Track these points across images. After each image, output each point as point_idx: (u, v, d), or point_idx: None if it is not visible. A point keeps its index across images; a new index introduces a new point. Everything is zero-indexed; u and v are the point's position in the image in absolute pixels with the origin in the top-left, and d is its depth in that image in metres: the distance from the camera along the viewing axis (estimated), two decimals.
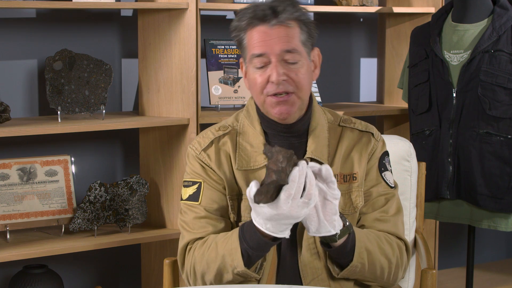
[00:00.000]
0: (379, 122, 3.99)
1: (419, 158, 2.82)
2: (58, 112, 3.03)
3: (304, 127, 2.17)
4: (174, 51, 3.14)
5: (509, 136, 3.16)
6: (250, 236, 1.99)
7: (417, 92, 3.39)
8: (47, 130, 2.89)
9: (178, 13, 3.11)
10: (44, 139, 3.23)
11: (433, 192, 3.29)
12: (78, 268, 3.37)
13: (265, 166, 2.11)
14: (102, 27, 3.35)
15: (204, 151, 2.18)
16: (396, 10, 3.71)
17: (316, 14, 3.90)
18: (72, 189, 3.11)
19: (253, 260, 2.02)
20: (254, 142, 2.16)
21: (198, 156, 2.18)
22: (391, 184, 2.22)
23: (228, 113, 3.26)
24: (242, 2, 3.25)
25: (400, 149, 2.58)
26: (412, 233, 2.60)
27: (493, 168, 3.18)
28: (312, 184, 1.89)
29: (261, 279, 2.08)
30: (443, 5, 3.56)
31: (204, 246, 2.09)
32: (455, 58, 3.27)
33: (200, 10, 3.10)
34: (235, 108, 3.41)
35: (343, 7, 3.55)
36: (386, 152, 2.26)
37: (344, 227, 2.00)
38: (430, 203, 3.32)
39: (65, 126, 2.92)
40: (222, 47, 3.44)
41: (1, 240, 2.97)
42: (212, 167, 2.16)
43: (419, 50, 3.40)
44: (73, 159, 3.14)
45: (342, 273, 2.08)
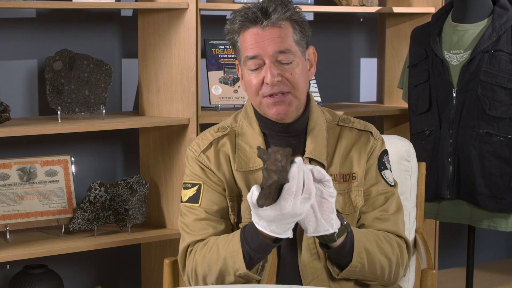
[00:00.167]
0: (379, 122, 3.98)
1: (419, 158, 2.81)
2: (58, 112, 3.03)
3: (302, 127, 2.17)
4: (174, 51, 3.14)
5: (509, 136, 3.16)
6: (251, 238, 1.98)
7: (417, 92, 3.39)
8: (47, 130, 2.89)
9: (178, 13, 3.11)
10: (44, 139, 3.23)
11: (433, 192, 3.28)
12: (78, 268, 3.37)
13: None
14: (102, 27, 3.35)
15: (203, 153, 2.18)
16: (396, 10, 3.70)
17: (316, 14, 3.90)
18: (72, 189, 3.10)
19: (254, 262, 2.02)
20: (253, 143, 2.16)
21: (197, 158, 2.18)
22: (391, 182, 2.22)
23: (228, 113, 3.26)
24: (242, 2, 3.25)
25: (400, 149, 2.58)
26: (412, 233, 2.60)
27: (493, 168, 3.18)
28: (310, 178, 1.89)
29: (261, 280, 2.08)
30: (443, 5, 3.56)
31: (205, 248, 2.09)
32: (455, 58, 3.27)
33: (200, 10, 3.10)
34: (235, 108, 3.41)
35: (343, 7, 3.55)
36: (385, 150, 2.25)
37: (342, 226, 2.00)
38: (430, 203, 3.32)
39: (65, 126, 2.92)
40: (222, 47, 3.44)
41: (1, 240, 2.97)
42: (211, 169, 2.16)
43: (419, 50, 3.40)
44: (73, 159, 3.14)
45: (342, 273, 2.08)
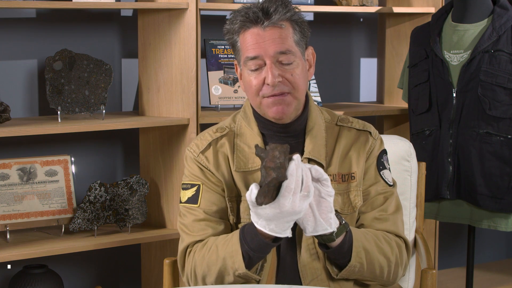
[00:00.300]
0: (379, 122, 3.98)
1: (419, 158, 2.81)
2: (58, 112, 3.03)
3: (300, 127, 2.17)
4: (174, 51, 3.14)
5: (509, 136, 3.16)
6: (251, 238, 1.98)
7: (417, 92, 3.39)
8: (47, 130, 2.89)
9: (178, 13, 3.11)
10: (44, 139, 3.23)
11: (433, 192, 3.28)
12: (78, 268, 3.37)
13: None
14: (102, 27, 3.35)
15: (202, 154, 2.17)
16: (396, 10, 3.70)
17: (316, 14, 3.90)
18: (72, 189, 3.10)
19: (254, 261, 2.03)
20: (252, 143, 2.16)
21: (196, 158, 2.18)
22: (390, 182, 2.22)
23: (228, 113, 3.26)
24: (242, 2, 3.25)
25: (400, 149, 2.58)
26: (412, 233, 2.59)
27: (493, 168, 3.18)
28: (308, 176, 1.89)
29: (260, 280, 2.08)
30: (443, 5, 3.56)
31: (204, 248, 2.09)
32: (455, 58, 3.27)
33: (200, 10, 3.10)
34: (235, 108, 3.41)
35: (343, 7, 3.55)
36: (384, 150, 2.25)
37: (340, 225, 2.00)
38: (430, 203, 3.32)
39: (65, 126, 2.92)
40: (222, 47, 3.44)
41: (1, 240, 2.97)
42: (210, 169, 2.16)
43: (419, 50, 3.40)
44: (73, 159, 3.14)
45: (341, 273, 2.08)
